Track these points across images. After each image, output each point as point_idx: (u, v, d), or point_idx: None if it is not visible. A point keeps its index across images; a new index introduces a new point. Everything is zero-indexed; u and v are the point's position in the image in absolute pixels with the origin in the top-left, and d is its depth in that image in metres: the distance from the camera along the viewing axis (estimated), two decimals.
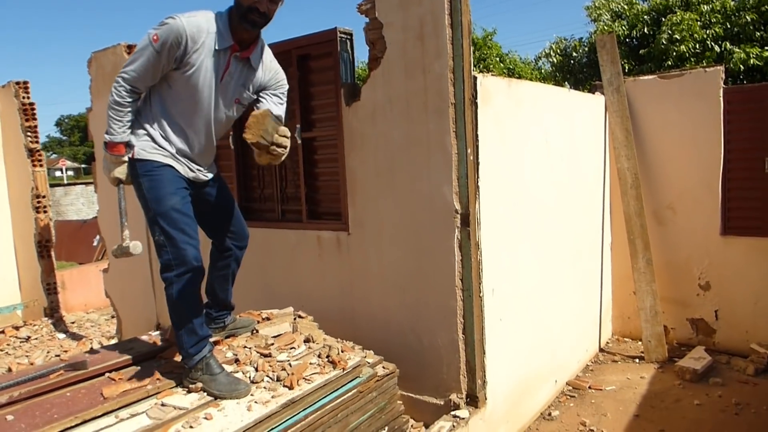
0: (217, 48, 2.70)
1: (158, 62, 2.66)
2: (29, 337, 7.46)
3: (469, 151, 3.55)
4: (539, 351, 4.55)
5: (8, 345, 7.15)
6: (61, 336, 7.63)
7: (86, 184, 23.06)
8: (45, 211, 7.89)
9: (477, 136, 3.62)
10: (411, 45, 3.67)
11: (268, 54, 2.96)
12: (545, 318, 4.64)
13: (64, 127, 73.22)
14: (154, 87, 2.81)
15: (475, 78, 3.60)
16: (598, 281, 5.79)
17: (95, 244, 13.30)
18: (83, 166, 58.15)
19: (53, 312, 8.16)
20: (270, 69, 2.96)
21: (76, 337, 7.60)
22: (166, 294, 2.82)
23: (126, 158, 2.80)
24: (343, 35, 4.06)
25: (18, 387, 2.75)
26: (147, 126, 2.82)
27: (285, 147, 2.69)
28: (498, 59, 18.31)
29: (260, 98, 2.95)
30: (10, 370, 5.65)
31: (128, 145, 2.80)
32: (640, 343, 5.79)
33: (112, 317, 8.53)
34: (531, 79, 14.63)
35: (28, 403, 2.68)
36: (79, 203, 21.67)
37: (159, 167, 2.80)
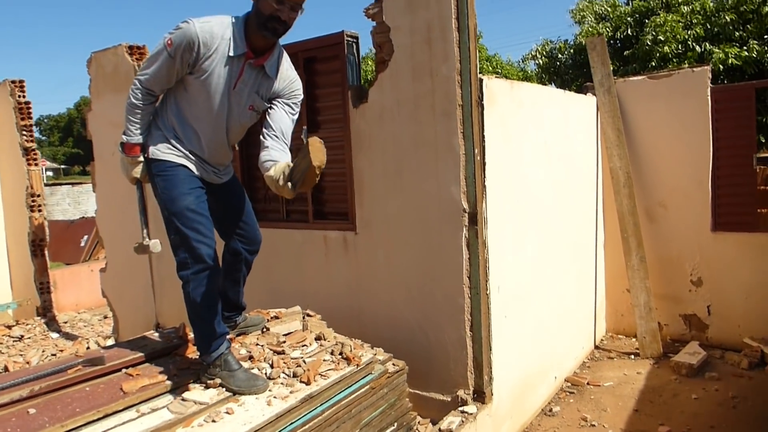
0: (231, 54, 2.69)
1: (172, 66, 2.68)
2: (22, 336, 7.42)
3: (476, 151, 3.63)
4: (540, 347, 4.65)
5: (1, 344, 7.11)
6: (55, 335, 7.60)
7: (72, 184, 22.81)
8: (39, 210, 7.87)
9: (483, 136, 3.71)
10: (418, 48, 3.74)
11: (285, 62, 2.92)
12: (545, 315, 4.74)
13: (43, 127, 72.17)
14: (171, 89, 2.84)
15: (481, 80, 3.68)
16: (593, 279, 5.91)
17: (83, 244, 13.20)
18: (63, 166, 57.55)
19: (46, 311, 8.11)
20: (286, 78, 2.92)
21: (70, 336, 7.56)
22: (183, 292, 2.85)
23: (141, 158, 2.85)
24: (349, 38, 4.12)
25: (37, 381, 2.77)
26: (162, 127, 2.85)
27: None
28: (486, 62, 18.47)
29: (272, 105, 2.91)
30: (6, 368, 5.61)
31: (144, 146, 2.85)
32: (634, 339, 5.90)
33: (105, 317, 8.48)
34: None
35: (49, 397, 2.71)
36: (65, 203, 21.41)
37: (173, 167, 2.83)
